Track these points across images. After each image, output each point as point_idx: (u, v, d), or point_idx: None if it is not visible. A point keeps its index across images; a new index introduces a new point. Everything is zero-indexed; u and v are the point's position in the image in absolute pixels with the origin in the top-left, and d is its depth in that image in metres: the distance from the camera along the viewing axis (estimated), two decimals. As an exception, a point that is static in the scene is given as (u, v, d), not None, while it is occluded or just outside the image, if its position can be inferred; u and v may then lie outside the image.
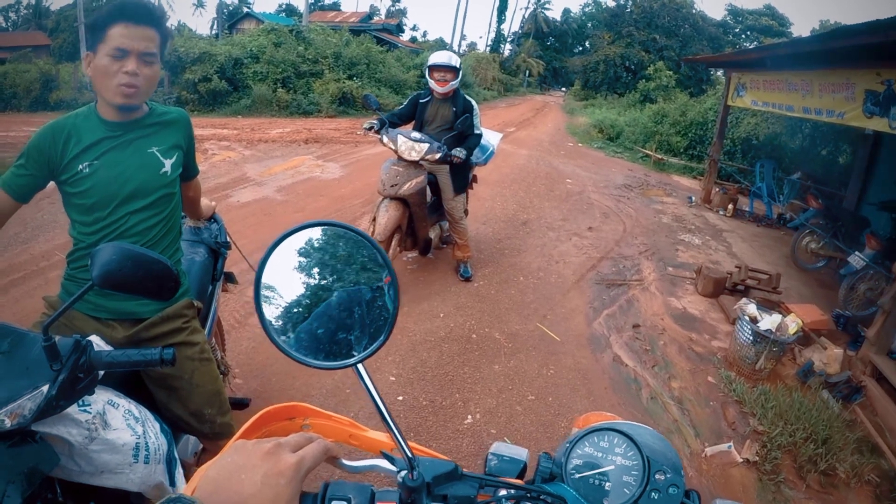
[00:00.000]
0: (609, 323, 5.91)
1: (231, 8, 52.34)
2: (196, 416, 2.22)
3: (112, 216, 2.07)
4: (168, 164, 2.17)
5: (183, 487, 1.84)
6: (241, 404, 3.14)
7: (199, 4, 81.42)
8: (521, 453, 1.05)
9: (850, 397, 5.07)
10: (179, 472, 1.94)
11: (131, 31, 1.90)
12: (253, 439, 0.80)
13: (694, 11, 50.32)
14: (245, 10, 47.83)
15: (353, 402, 3.97)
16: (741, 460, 4.05)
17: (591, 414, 1.33)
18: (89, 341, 1.56)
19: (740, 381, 5.07)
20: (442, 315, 5.44)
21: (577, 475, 0.99)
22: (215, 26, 51.95)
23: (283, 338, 0.91)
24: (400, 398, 4.10)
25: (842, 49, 6.55)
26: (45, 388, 1.43)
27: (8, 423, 1.37)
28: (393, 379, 4.32)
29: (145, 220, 2.12)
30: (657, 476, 0.98)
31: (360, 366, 0.90)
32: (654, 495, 0.96)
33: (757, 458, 4.08)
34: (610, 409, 4.44)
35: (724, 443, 4.20)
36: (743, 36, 55.58)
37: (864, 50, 6.17)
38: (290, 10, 64.63)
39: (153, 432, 1.83)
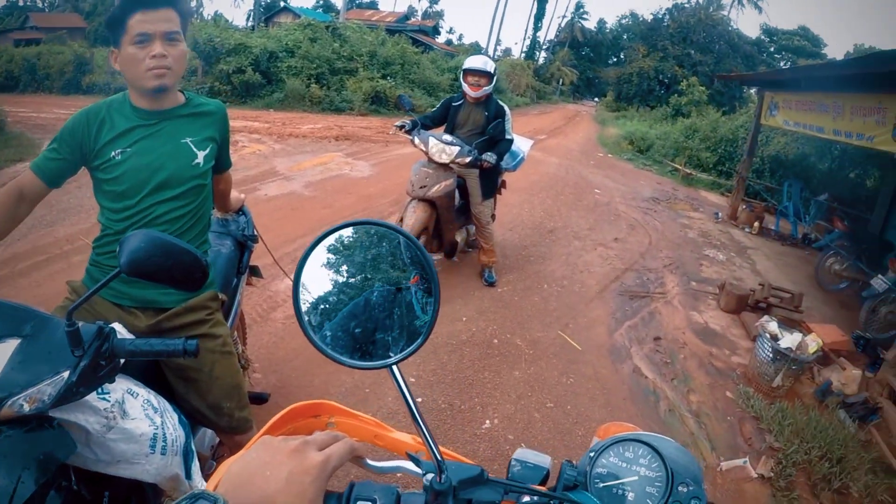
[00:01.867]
0: (630, 334, 5.89)
1: (268, 0, 52.48)
2: (214, 409, 2.21)
3: (141, 204, 2.08)
4: (201, 155, 2.17)
5: (198, 480, 1.86)
6: (259, 399, 3.15)
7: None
8: (544, 460, 1.05)
9: (867, 418, 5.05)
10: (196, 465, 1.93)
11: (149, 15, 1.91)
12: (278, 436, 0.81)
13: (730, 29, 49.92)
14: (282, 3, 47.92)
15: (372, 402, 3.99)
16: (756, 476, 4.04)
17: (611, 424, 1.32)
18: (112, 328, 1.54)
19: (758, 397, 5.06)
20: (464, 319, 5.45)
21: (601, 484, 0.99)
22: (251, 18, 52.23)
23: (319, 335, 0.91)
24: (419, 399, 4.10)
25: (875, 74, 6.53)
26: (66, 373, 1.41)
27: (27, 408, 1.37)
28: (413, 380, 4.32)
29: (175, 210, 2.12)
30: (680, 488, 0.98)
31: (395, 367, 0.90)
32: None
33: (772, 475, 4.07)
34: (627, 419, 4.40)
35: (740, 458, 4.20)
36: (777, 55, 55.15)
37: (897, 76, 6.10)
38: (328, 7, 64.78)
39: (171, 423, 1.81)
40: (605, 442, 1.04)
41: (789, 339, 5.26)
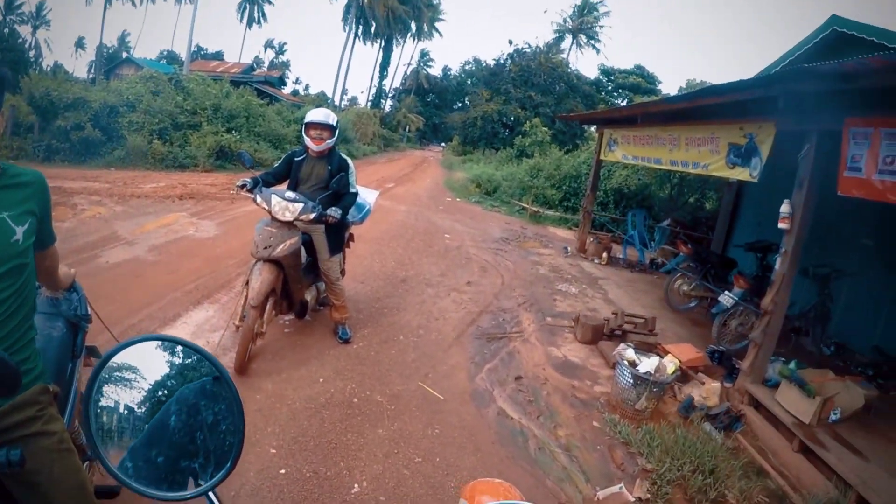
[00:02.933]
0: (491, 377, 5.93)
1: (111, 51, 50.68)
2: None
3: None
4: (20, 231, 1.94)
5: None
6: (110, 493, 2.90)
7: (80, 46, 79.06)
8: None
9: (731, 426, 5.39)
10: None
11: None
12: None
13: (569, 70, 52.05)
14: (125, 54, 46.40)
15: (233, 480, 3.77)
16: (633, 499, 4.14)
17: (477, 482, 1.27)
18: None
19: (624, 423, 5.23)
20: (321, 380, 5.31)
21: None
22: (93, 70, 50.27)
23: (120, 468, 0.81)
24: (282, 471, 3.93)
25: (708, 107, 7.00)
26: None
27: None
28: (273, 451, 4.15)
29: None
30: None
31: (211, 494, 0.82)
32: None
33: (649, 496, 4.19)
34: (499, 464, 4.48)
35: (615, 484, 4.28)
36: (615, 93, 57.99)
37: (728, 107, 6.58)
38: (172, 58, 63.26)
39: None
40: None
41: (647, 364, 5.51)
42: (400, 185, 22.83)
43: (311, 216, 5.26)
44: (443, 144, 65.32)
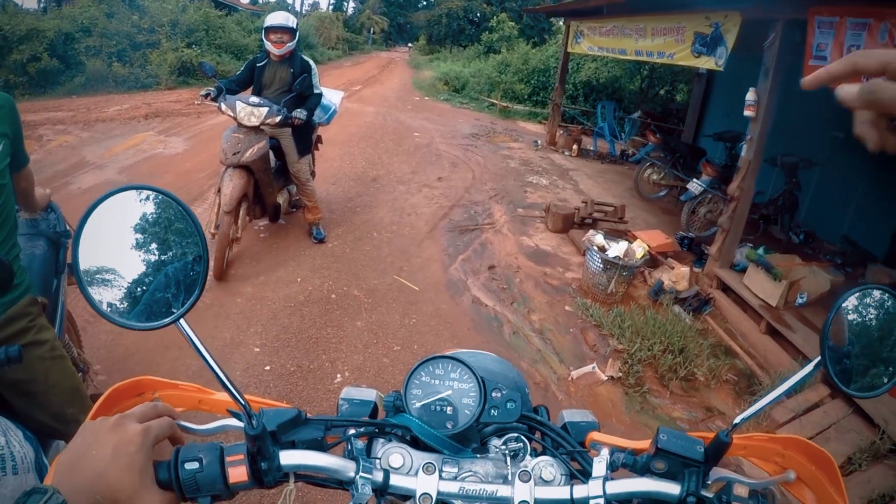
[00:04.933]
0: (465, 267, 6.10)
1: (59, -23, 48.70)
2: (58, 419, 2.12)
3: None
4: None
5: None
6: None
7: (26, -25, 75.84)
8: (369, 394, 1.10)
9: (700, 309, 5.58)
10: None
11: None
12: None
13: (536, -37, 50.82)
14: (74, -21, 44.59)
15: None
16: (606, 378, 4.36)
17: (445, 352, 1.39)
18: None
19: (596, 306, 5.41)
20: (299, 279, 5.45)
21: (418, 403, 1.03)
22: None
23: (105, 305, 0.94)
24: (267, 367, 4.11)
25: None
26: None
27: None
28: (258, 350, 4.31)
29: None
30: (493, 394, 1.05)
31: (182, 322, 0.93)
32: (494, 412, 1.03)
33: (620, 374, 4.41)
34: (474, 348, 4.58)
35: (588, 364, 4.50)
36: (579, -16, 56.51)
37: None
38: (122, -23, 60.97)
39: (17, 440, 1.75)
40: (416, 365, 1.08)
41: (616, 248, 5.66)
42: (367, 87, 22.47)
43: (277, 119, 5.28)
44: (409, 45, 63.86)
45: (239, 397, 0.89)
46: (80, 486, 0.69)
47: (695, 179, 7.67)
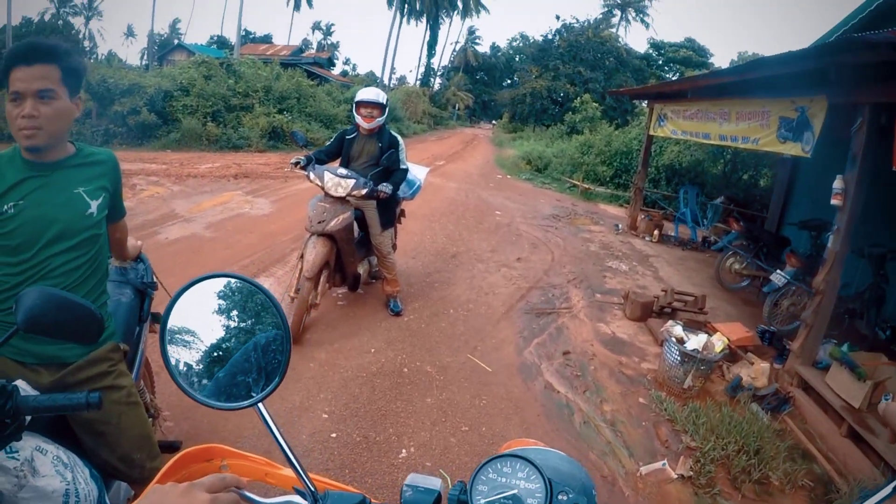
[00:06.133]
0: (539, 351, 5.98)
1: (162, 38, 51.59)
2: (125, 461, 2.15)
3: (37, 258, 2.03)
4: (94, 205, 2.12)
5: None
6: (172, 448, 3.05)
7: (130, 34, 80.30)
8: (434, 483, 1.08)
9: (779, 408, 5.29)
10: None
11: (25, 72, 1.88)
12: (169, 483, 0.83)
13: (619, 45, 51.12)
14: (176, 41, 47.20)
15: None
16: (676, 476, 4.15)
17: (513, 441, 1.36)
18: (15, 386, 1.50)
19: (671, 400, 5.21)
20: (373, 350, 5.43)
21: (483, 500, 1.02)
22: (145, 57, 51.19)
23: (186, 382, 0.95)
24: (333, 435, 4.07)
25: (758, 79, 6.81)
26: None
27: None
28: (325, 416, 4.28)
29: (71, 262, 2.07)
30: (560, 497, 1.02)
31: (260, 405, 0.96)
32: None
33: (691, 473, 4.18)
34: (543, 436, 4.48)
35: (659, 461, 4.30)
36: (665, 68, 56.33)
37: (778, 80, 6.45)
38: (222, 42, 63.88)
39: (83, 478, 1.79)
40: (484, 461, 1.07)
41: (695, 341, 5.44)
42: (451, 163, 22.82)
43: (363, 191, 5.40)
44: (493, 122, 64.85)
45: (306, 480, 0.92)
46: None
47: (778, 271, 7.41)
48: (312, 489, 0.90)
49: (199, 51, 38.25)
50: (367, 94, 5.82)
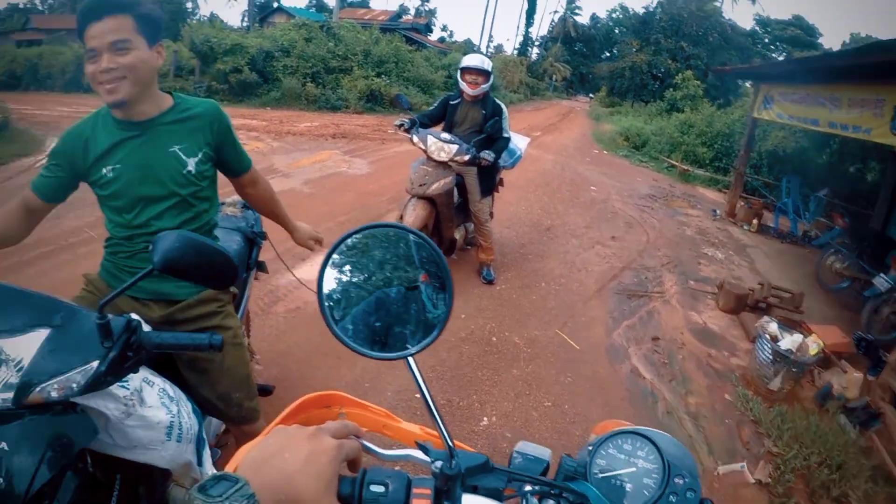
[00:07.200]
0: (629, 334, 5.89)
1: (262, 1, 52.43)
2: (224, 399, 2.24)
3: (140, 217, 2.08)
4: (191, 162, 2.11)
5: (209, 467, 1.92)
6: (264, 391, 3.18)
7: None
8: (544, 453, 1.08)
9: (868, 424, 4.96)
10: (207, 453, 1.97)
11: (97, 28, 1.84)
12: (291, 424, 0.84)
13: (722, 20, 49.49)
14: (276, 4, 47.92)
15: (371, 396, 3.97)
16: (753, 481, 4.01)
17: (608, 422, 1.34)
18: (140, 322, 1.59)
19: (757, 400, 5.02)
20: (463, 316, 5.46)
21: (601, 475, 1.02)
22: (246, 18, 52.16)
23: (340, 327, 0.96)
24: (417, 395, 4.09)
25: (874, 64, 6.49)
26: (95, 364, 1.47)
27: (55, 395, 1.42)
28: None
29: (173, 220, 2.12)
30: (676, 480, 1.01)
31: (410, 359, 0.95)
32: (672, 498, 0.99)
33: (769, 480, 4.03)
34: (624, 420, 4.42)
35: (737, 462, 4.17)
36: (772, 47, 54.18)
37: (897, 66, 6.09)
38: (321, 6, 64.59)
39: (186, 412, 1.86)
40: (606, 435, 1.08)
41: (789, 341, 5.18)
42: (547, 134, 22.64)
43: (465, 158, 5.39)
44: (590, 95, 63.72)
45: (448, 438, 0.90)
46: (266, 483, 0.71)
47: (882, 275, 6.95)
48: (451, 444, 0.89)
49: (299, 14, 38.94)
50: (472, 60, 5.79)
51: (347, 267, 0.98)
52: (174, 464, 1.78)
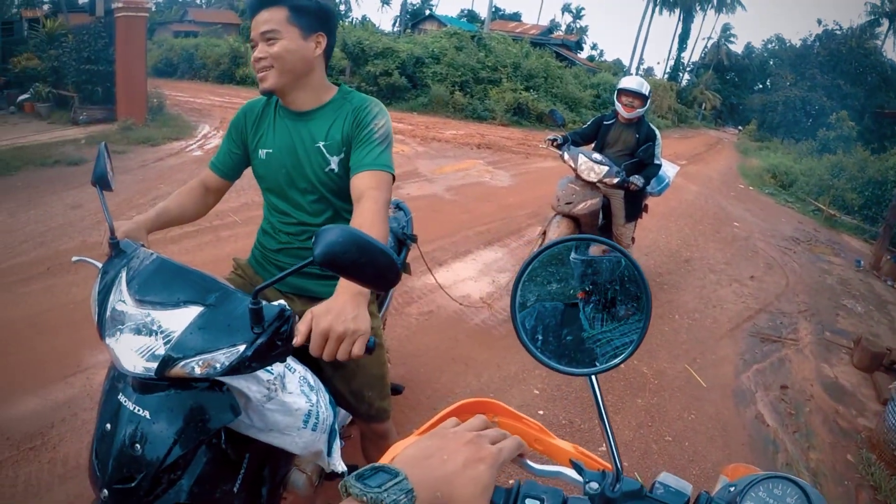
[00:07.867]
0: (757, 378, 5.72)
1: (414, 7, 53.50)
2: (356, 396, 2.24)
3: (284, 203, 2.20)
4: (334, 161, 2.11)
5: (337, 458, 1.95)
6: (395, 391, 3.22)
7: (385, 1, 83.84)
8: (686, 487, 1.06)
9: None
10: (338, 444, 1.99)
11: (254, 21, 1.97)
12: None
13: (883, 60, 46.77)
14: (428, 11, 48.89)
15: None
16: None
17: (739, 465, 1.32)
18: (293, 313, 1.60)
19: (880, 466, 4.71)
20: (592, 341, 5.44)
21: None
22: (398, 24, 53.34)
23: (529, 338, 1.01)
24: (540, 412, 4.17)
25: None
26: (242, 347, 1.47)
27: (198, 371, 1.46)
28: (537, 392, 4.40)
29: (318, 213, 2.20)
30: None
31: (593, 377, 0.98)
32: None
33: None
34: (755, 467, 4.32)
35: (850, 528, 4.00)
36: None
37: None
38: (472, 17, 65.06)
39: (324, 403, 1.89)
40: (757, 476, 1.02)
41: None
42: (692, 164, 22.09)
43: (615, 180, 5.40)
44: (739, 127, 61.32)
45: (618, 459, 0.92)
46: (424, 480, 0.73)
47: None
48: (619, 470, 0.91)
49: (450, 22, 39.46)
50: (630, 82, 5.81)
51: (541, 281, 1.03)
52: (306, 451, 1.83)
